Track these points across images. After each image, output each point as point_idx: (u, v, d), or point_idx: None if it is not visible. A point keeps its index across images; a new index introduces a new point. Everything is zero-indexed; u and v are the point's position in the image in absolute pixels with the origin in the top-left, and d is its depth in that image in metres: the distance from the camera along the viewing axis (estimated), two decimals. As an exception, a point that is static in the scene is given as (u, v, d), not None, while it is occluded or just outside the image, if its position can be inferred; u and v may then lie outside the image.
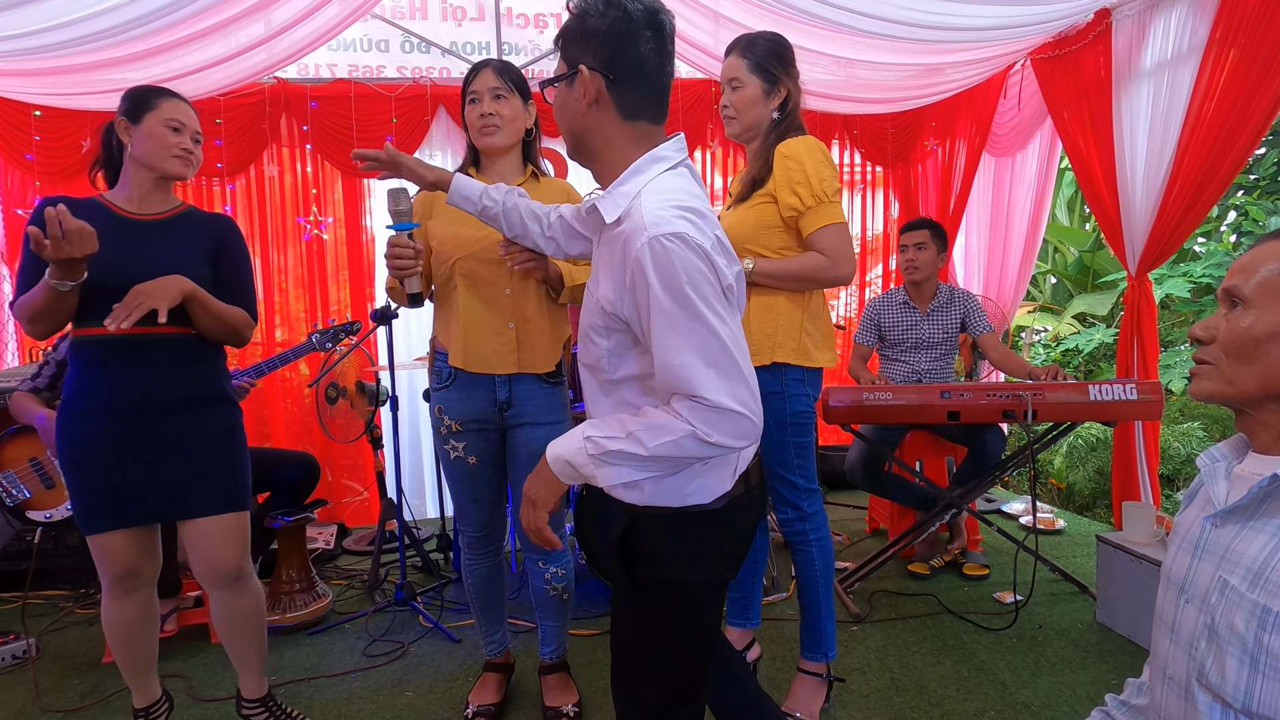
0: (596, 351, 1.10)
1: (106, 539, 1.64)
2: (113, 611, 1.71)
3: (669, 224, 0.98)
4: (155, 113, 1.63)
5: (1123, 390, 2.33)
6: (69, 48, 2.97)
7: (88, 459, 1.61)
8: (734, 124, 1.81)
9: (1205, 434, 4.38)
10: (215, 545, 1.71)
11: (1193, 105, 2.72)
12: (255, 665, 1.86)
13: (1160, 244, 2.92)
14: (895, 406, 2.42)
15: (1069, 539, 3.23)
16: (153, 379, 1.63)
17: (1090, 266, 5.63)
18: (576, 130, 1.12)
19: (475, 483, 1.82)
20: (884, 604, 2.58)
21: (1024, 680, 2.04)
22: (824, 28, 3.21)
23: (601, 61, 1.06)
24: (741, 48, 1.77)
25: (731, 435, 0.98)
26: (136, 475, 1.62)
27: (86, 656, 2.39)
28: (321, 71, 3.81)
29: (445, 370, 1.78)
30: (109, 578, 1.68)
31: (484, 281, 1.73)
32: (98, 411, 1.60)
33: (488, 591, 1.93)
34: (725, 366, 0.98)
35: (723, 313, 1.00)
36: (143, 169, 1.66)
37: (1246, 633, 0.79)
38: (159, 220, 1.69)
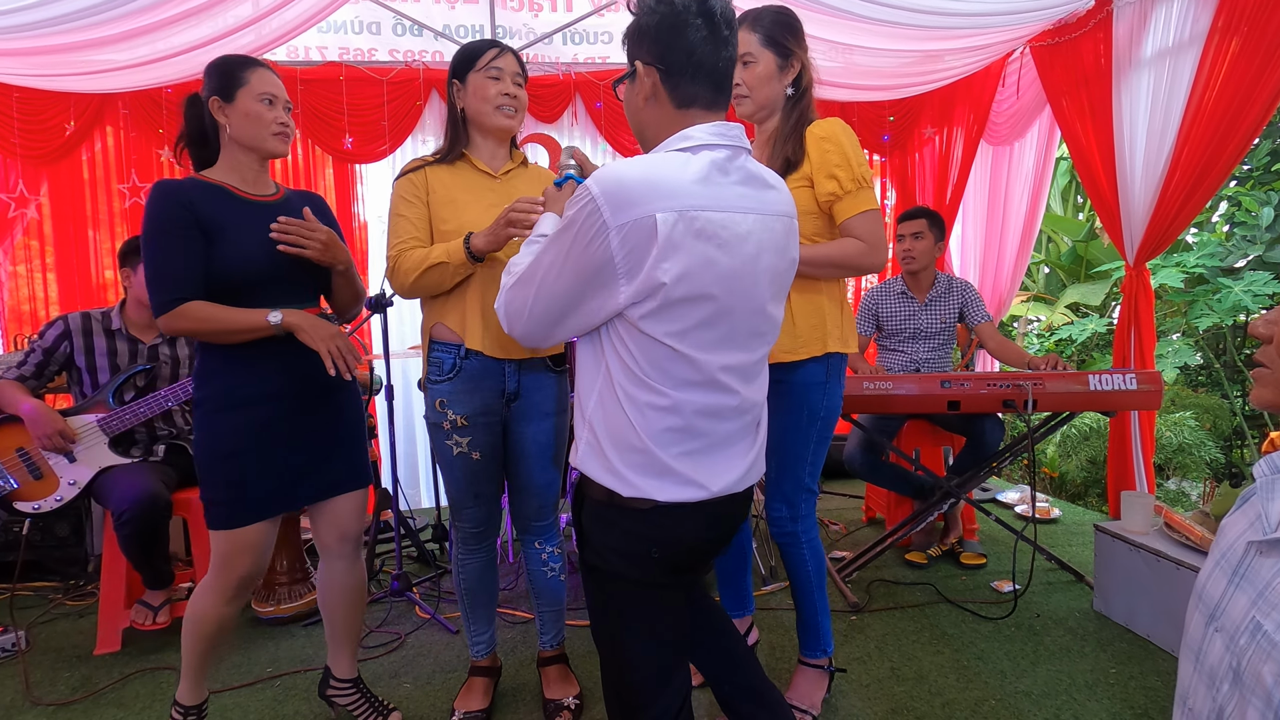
0: None
1: (248, 532, 1.59)
2: (217, 609, 1.63)
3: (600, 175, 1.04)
4: (247, 89, 1.56)
5: (1123, 380, 2.33)
6: (49, 26, 2.89)
7: (247, 448, 1.57)
8: (746, 103, 1.71)
9: (1197, 423, 4.41)
10: (353, 517, 1.76)
11: (1193, 95, 2.71)
12: (353, 642, 1.87)
13: (1159, 234, 2.92)
14: (895, 396, 2.41)
15: (1064, 528, 3.25)
16: (301, 364, 1.60)
17: (1084, 256, 5.64)
18: (639, 125, 1.17)
19: (478, 479, 1.77)
20: (882, 593, 2.58)
21: (1023, 669, 2.04)
22: (823, 12, 3.17)
23: (655, 55, 1.10)
24: (750, 21, 1.67)
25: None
26: (294, 460, 1.62)
27: (77, 649, 2.36)
28: (311, 54, 3.74)
29: (448, 361, 1.71)
30: (235, 576, 1.60)
31: (497, 263, 1.68)
32: (255, 399, 1.58)
33: (479, 588, 1.89)
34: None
35: (536, 250, 1.15)
36: (246, 151, 1.60)
37: (1275, 687, 0.71)
38: (276, 202, 1.65)
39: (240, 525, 1.58)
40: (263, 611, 2.49)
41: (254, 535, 1.60)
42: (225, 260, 1.53)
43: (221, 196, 1.57)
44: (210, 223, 1.53)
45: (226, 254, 1.53)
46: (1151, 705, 1.85)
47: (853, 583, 2.66)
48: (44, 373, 2.38)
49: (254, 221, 1.57)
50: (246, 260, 1.54)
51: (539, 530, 1.88)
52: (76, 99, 3.46)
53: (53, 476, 2.28)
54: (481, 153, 1.77)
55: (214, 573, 1.61)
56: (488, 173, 1.75)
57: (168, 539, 2.37)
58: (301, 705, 1.99)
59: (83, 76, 3.30)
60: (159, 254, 1.51)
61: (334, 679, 1.87)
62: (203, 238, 1.52)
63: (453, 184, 1.72)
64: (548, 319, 1.11)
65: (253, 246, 1.55)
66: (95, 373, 2.42)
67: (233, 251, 1.54)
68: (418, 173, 1.71)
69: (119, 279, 2.65)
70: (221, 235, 1.53)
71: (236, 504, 1.57)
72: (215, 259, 1.53)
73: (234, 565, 1.60)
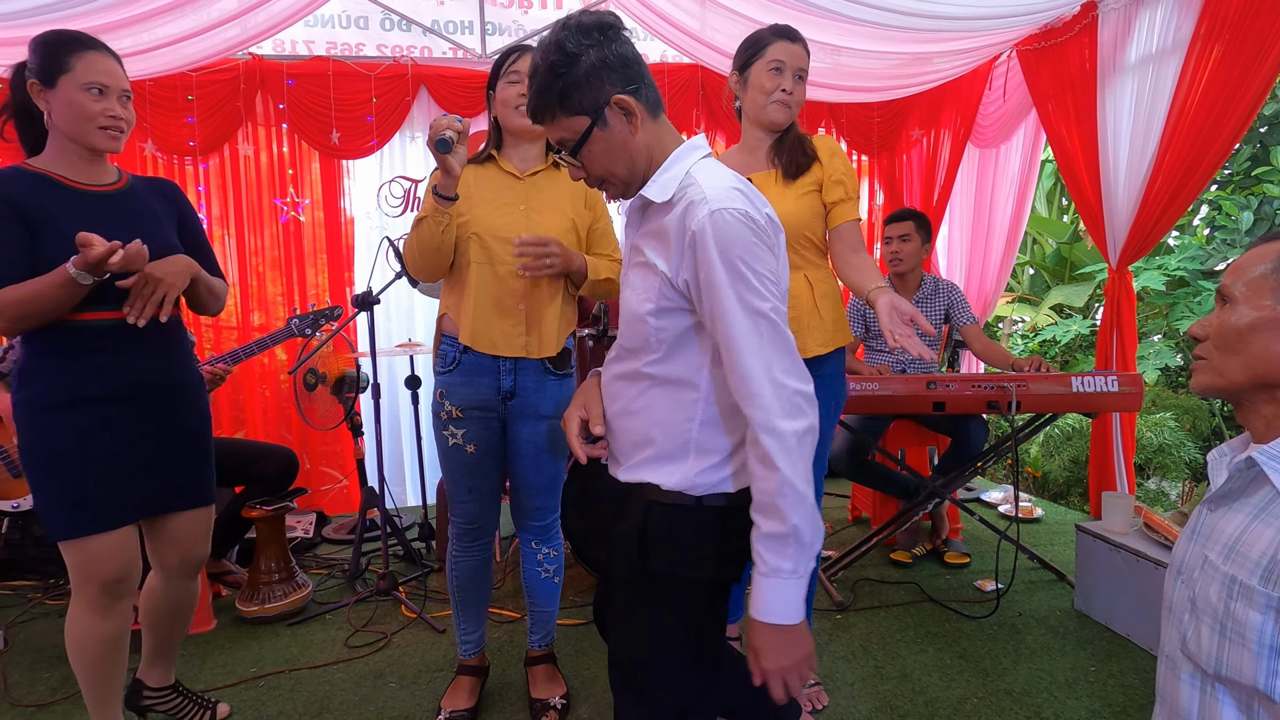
0: (645, 331, 1.09)
1: (95, 542, 1.45)
2: (94, 626, 1.50)
3: (730, 199, 1.01)
4: (70, 76, 1.37)
5: (1104, 382, 2.36)
6: (28, 17, 2.85)
7: (73, 451, 1.43)
8: (788, 113, 1.78)
9: (1176, 424, 4.47)
10: (196, 538, 1.66)
11: (1176, 100, 2.75)
12: (174, 653, 1.82)
13: (1142, 237, 2.96)
14: (881, 397, 2.43)
15: (1046, 527, 3.29)
16: (142, 364, 1.49)
17: (1068, 258, 5.70)
18: (631, 159, 1.10)
19: (472, 472, 1.77)
20: (867, 592, 2.61)
21: (1005, 667, 2.07)
22: (812, 13, 3.18)
23: (620, 82, 1.06)
24: (803, 41, 1.77)
25: (811, 421, 1.02)
26: (129, 467, 1.49)
27: (56, 649, 2.33)
28: (298, 48, 3.71)
29: (450, 354, 1.73)
30: (96, 586, 1.47)
31: (498, 259, 1.69)
32: (83, 400, 1.44)
33: (471, 586, 1.89)
34: (781, 354, 1.01)
35: (774, 291, 1.03)
36: (68, 140, 1.44)
37: (1219, 602, 0.86)
38: (114, 192, 1.50)
39: (80, 534, 1.44)
40: (247, 611, 2.47)
41: (105, 543, 1.46)
42: (52, 256, 1.35)
43: (46, 186, 1.41)
44: (34, 215, 1.36)
45: (53, 249, 1.36)
46: (1130, 703, 1.88)
47: (838, 581, 2.68)
48: (23, 369, 2.35)
49: (84, 213, 1.42)
50: (72, 253, 1.33)
51: (537, 530, 1.88)
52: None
53: (32, 475, 2.25)
54: (512, 155, 1.78)
55: (75, 587, 1.48)
56: (513, 174, 1.76)
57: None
58: (286, 705, 1.98)
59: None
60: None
61: (148, 689, 1.78)
62: (25, 230, 1.36)
63: (475, 182, 1.73)
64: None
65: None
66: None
67: (57, 245, 1.36)
68: None
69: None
70: (47, 228, 1.37)
71: (74, 510, 1.44)
72: (41, 255, 1.36)
73: (91, 573, 1.46)
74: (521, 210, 1.73)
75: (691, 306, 1.06)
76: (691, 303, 1.06)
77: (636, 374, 1.12)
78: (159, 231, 1.51)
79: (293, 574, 2.58)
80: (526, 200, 1.74)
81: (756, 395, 0.99)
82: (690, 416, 1.09)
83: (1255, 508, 0.87)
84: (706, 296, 1.02)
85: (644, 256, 1.11)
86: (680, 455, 1.10)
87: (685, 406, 1.10)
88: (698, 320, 1.07)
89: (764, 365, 0.99)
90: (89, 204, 1.45)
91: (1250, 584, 0.83)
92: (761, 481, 0.99)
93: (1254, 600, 0.82)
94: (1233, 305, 0.91)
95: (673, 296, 1.06)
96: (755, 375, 0.99)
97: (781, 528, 0.98)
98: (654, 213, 1.11)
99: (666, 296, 1.07)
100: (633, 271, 1.15)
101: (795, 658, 1.01)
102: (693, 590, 1.11)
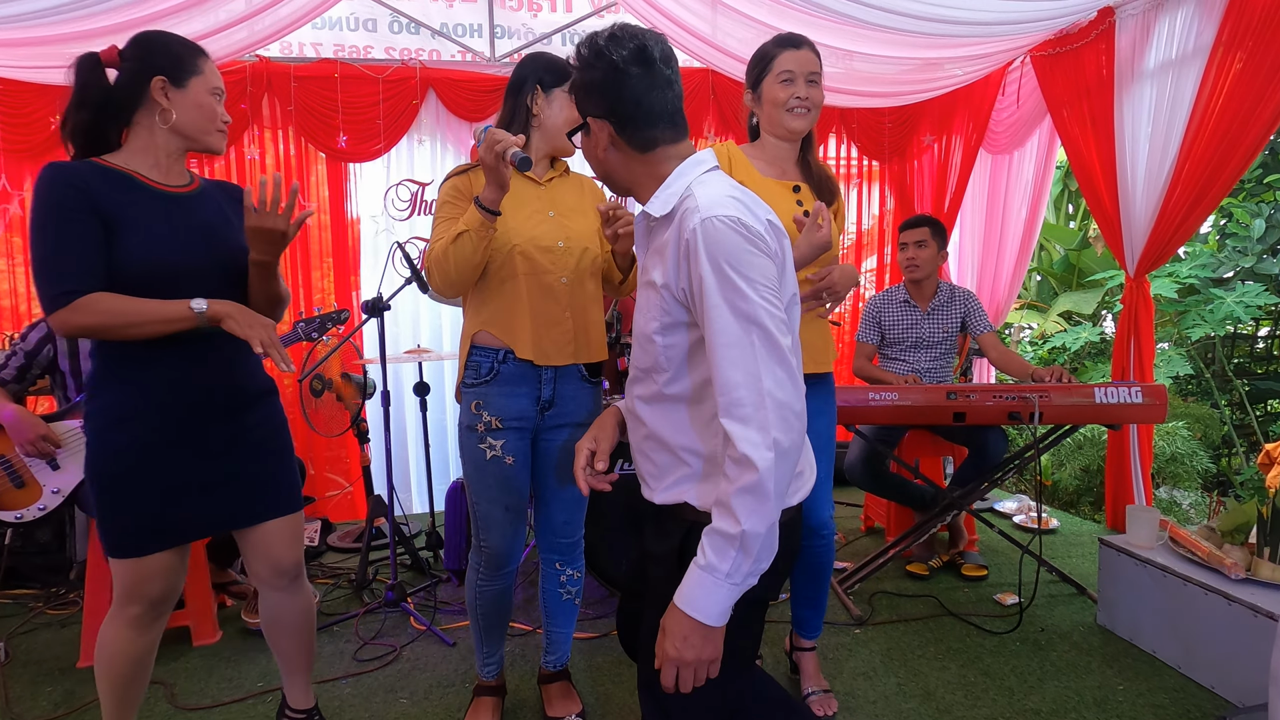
0: (654, 350, 1.10)
1: (151, 561, 1.43)
2: (129, 642, 1.47)
3: (723, 206, 1.01)
4: (201, 78, 1.41)
5: (1128, 393, 2.33)
6: (38, 19, 2.81)
7: (135, 470, 1.40)
8: (807, 118, 1.77)
9: (1189, 433, 4.44)
10: (285, 546, 1.59)
11: (1197, 108, 2.71)
12: (304, 672, 1.74)
13: (1160, 246, 2.92)
14: (901, 407, 2.39)
15: (1063, 538, 3.25)
16: (212, 374, 1.46)
17: (1076, 265, 5.67)
18: (604, 171, 1.18)
19: (509, 488, 1.70)
20: (885, 606, 2.56)
21: (1030, 685, 2.03)
22: (824, 17, 3.16)
23: (604, 110, 1.11)
24: (809, 44, 1.77)
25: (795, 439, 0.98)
26: (197, 483, 1.45)
27: (59, 661, 2.28)
28: (306, 51, 3.67)
29: (485, 365, 1.67)
30: (142, 604, 1.45)
31: (542, 270, 1.66)
32: (151, 411, 1.40)
33: (494, 611, 1.81)
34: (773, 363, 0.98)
35: (769, 297, 1.00)
36: (177, 138, 1.43)
37: None
38: (189, 193, 1.48)
39: (140, 555, 1.41)
40: (252, 622, 2.42)
41: (159, 563, 1.44)
42: (130, 253, 1.34)
43: (126, 184, 1.38)
44: (111, 212, 1.34)
45: (131, 246, 1.35)
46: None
47: (854, 594, 2.63)
48: (26, 376, 2.31)
49: (164, 213, 1.41)
50: (154, 253, 1.36)
51: (563, 549, 1.83)
52: (63, 92, 3.35)
53: (35, 484, 2.21)
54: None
55: (118, 603, 1.46)
56: (534, 180, 1.72)
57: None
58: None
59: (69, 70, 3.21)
60: (49, 242, 1.30)
61: (289, 709, 1.75)
62: (102, 227, 1.33)
63: None
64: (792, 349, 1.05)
65: (160, 241, 1.38)
66: (80, 376, 2.34)
67: (138, 244, 1.35)
68: (464, 175, 1.69)
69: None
70: (125, 226, 1.35)
71: (134, 531, 1.41)
72: (118, 253, 1.34)
73: (139, 591, 1.44)
74: (552, 217, 1.69)
75: (693, 319, 1.06)
76: (693, 315, 1.05)
77: (658, 396, 1.12)
78: (229, 234, 1.50)
79: (300, 585, 2.53)
80: (554, 206, 1.71)
81: (739, 404, 0.96)
82: (717, 432, 1.07)
83: None
84: (699, 305, 1.01)
85: (650, 275, 1.12)
86: (714, 473, 1.08)
87: (710, 422, 1.08)
88: (701, 334, 1.05)
89: (750, 375, 0.97)
90: (166, 204, 1.43)
91: None
92: (728, 481, 0.97)
93: None
94: None
95: (674, 311, 1.06)
96: (738, 384, 0.97)
97: (731, 528, 0.96)
98: (658, 228, 1.13)
99: (668, 312, 1.07)
100: (640, 291, 1.16)
101: (699, 655, 1.00)
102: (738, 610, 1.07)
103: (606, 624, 2.45)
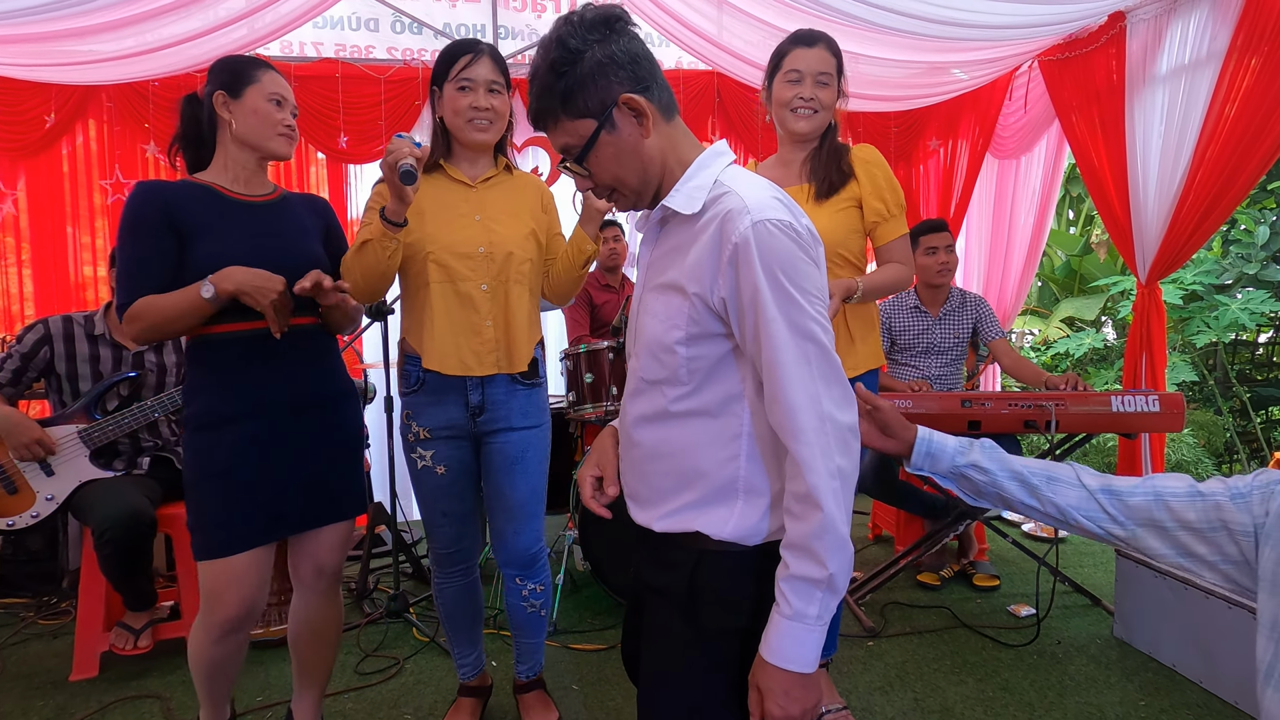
0: (674, 362, 0.98)
1: (233, 563, 1.46)
2: (206, 647, 1.51)
3: (773, 209, 0.92)
4: (257, 86, 1.49)
5: (1145, 402, 2.29)
6: (32, 15, 2.75)
7: (232, 468, 1.46)
8: (812, 120, 1.72)
9: (1194, 440, 4.42)
10: (334, 549, 1.63)
11: (1210, 113, 2.69)
12: (320, 687, 1.74)
13: (1173, 253, 2.89)
14: (915, 415, 2.35)
15: (1073, 548, 3.21)
16: (294, 375, 1.52)
17: (1078, 270, 5.66)
18: (646, 163, 1.00)
19: (444, 495, 1.69)
20: (897, 617, 2.52)
21: (1051, 701, 1.98)
22: (831, 19, 3.12)
23: (630, 81, 0.96)
24: (825, 42, 1.71)
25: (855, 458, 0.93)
26: (281, 483, 1.50)
27: (50, 674, 2.22)
28: (307, 50, 3.62)
29: (414, 374, 1.66)
30: (225, 612, 1.47)
31: (459, 277, 1.60)
32: (240, 415, 1.47)
33: (458, 611, 1.81)
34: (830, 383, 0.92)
35: (821, 310, 0.93)
36: (245, 149, 1.52)
37: None
38: (268, 203, 1.56)
39: (224, 555, 1.45)
40: (254, 633, 2.36)
41: (240, 566, 1.47)
42: (199, 260, 1.43)
43: (207, 196, 1.49)
44: (188, 224, 1.44)
45: (200, 254, 1.43)
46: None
47: (866, 605, 2.59)
48: (21, 380, 2.24)
49: (239, 221, 1.49)
50: (221, 260, 1.42)
51: (521, 563, 1.76)
52: (58, 90, 3.31)
53: (29, 491, 2.14)
54: (461, 162, 1.69)
55: (202, 610, 1.50)
56: (464, 182, 1.66)
57: (151, 558, 2.24)
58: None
59: (65, 67, 3.16)
60: (126, 255, 1.43)
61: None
62: (176, 240, 1.44)
63: (424, 196, 1.63)
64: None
65: (232, 246, 1.45)
66: (76, 380, 2.28)
67: (208, 251, 1.43)
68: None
69: (109, 279, 2.50)
70: (200, 235, 1.45)
71: (220, 529, 1.46)
72: (191, 259, 1.44)
73: (221, 601, 1.47)
74: (478, 221, 1.64)
75: (728, 330, 0.96)
76: (728, 325, 0.95)
77: (664, 413, 1.00)
78: (304, 242, 1.57)
79: (299, 595, 2.47)
80: (482, 210, 1.65)
81: (803, 430, 0.89)
82: (734, 454, 0.98)
83: None
84: (749, 317, 0.91)
85: (667, 277, 0.99)
86: (727, 498, 0.99)
87: (728, 443, 0.98)
88: (734, 345, 0.97)
89: (811, 397, 0.90)
90: (242, 212, 1.51)
91: None
92: (800, 522, 0.90)
93: None
94: None
95: (707, 320, 0.95)
96: (801, 408, 0.89)
97: (817, 572, 0.89)
98: (678, 226, 1.01)
99: (698, 322, 0.95)
100: (651, 295, 1.02)
101: (804, 706, 0.91)
102: (744, 642, 0.99)
103: (614, 635, 2.40)
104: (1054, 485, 1.10)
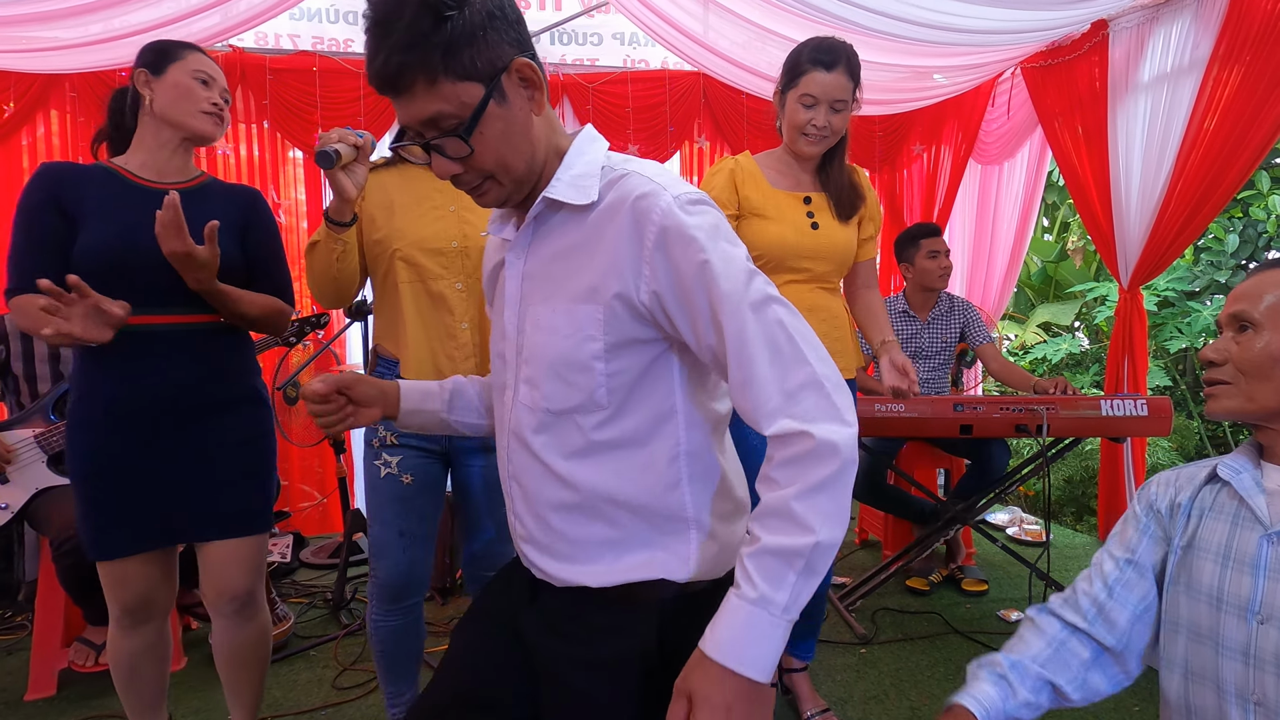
0: (590, 382, 0.83)
1: (120, 566, 1.43)
2: (120, 642, 1.51)
3: (684, 184, 0.84)
4: (181, 63, 1.43)
5: (1133, 406, 2.30)
6: (-8, -3, 2.62)
7: (102, 472, 1.40)
8: (821, 144, 1.72)
9: (1168, 443, 4.49)
10: (232, 570, 1.51)
11: (1192, 121, 2.72)
12: (249, 709, 1.64)
13: (1155, 259, 2.92)
14: (907, 419, 2.33)
15: (1057, 551, 3.23)
16: (178, 375, 1.42)
17: (1053, 276, 5.74)
18: (535, 147, 0.85)
19: (406, 509, 1.51)
20: (888, 623, 2.49)
21: (1046, 707, 1.97)
22: (816, 20, 3.11)
23: (517, 45, 0.82)
24: (844, 64, 1.66)
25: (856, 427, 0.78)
26: (158, 491, 1.42)
27: (5, 693, 2.10)
28: (282, 42, 3.51)
29: (387, 376, 1.51)
30: (118, 607, 1.47)
31: (430, 276, 1.48)
32: (114, 415, 1.39)
33: (399, 651, 1.59)
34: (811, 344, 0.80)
35: (762, 272, 0.83)
36: (166, 127, 1.44)
37: None
38: (187, 189, 1.45)
39: (109, 558, 1.42)
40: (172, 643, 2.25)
41: (129, 568, 1.44)
42: (85, 248, 1.35)
43: (107, 179, 1.41)
44: (78, 206, 1.37)
45: (86, 237, 1.35)
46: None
47: (856, 611, 2.56)
48: (-19, 377, 2.12)
49: (133, 206, 1.37)
50: (108, 242, 1.34)
51: (481, 579, 1.64)
52: (17, 78, 3.16)
53: (-15, 496, 2.02)
54: None
55: (108, 605, 1.49)
56: None
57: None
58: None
59: (26, 54, 3.01)
60: (12, 240, 1.37)
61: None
62: (63, 223, 1.36)
63: (395, 188, 1.52)
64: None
65: (116, 231, 1.35)
66: (35, 381, 2.16)
67: (90, 237, 1.35)
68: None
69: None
70: (87, 220, 1.36)
71: (100, 533, 1.41)
72: (78, 244, 1.36)
73: (115, 595, 1.46)
74: (453, 212, 1.51)
75: (658, 332, 0.84)
76: (658, 326, 0.83)
77: (587, 446, 0.85)
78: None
79: (273, 605, 2.37)
80: (458, 200, 1.51)
81: (794, 400, 0.76)
82: (675, 479, 0.85)
83: None
84: (699, 298, 0.79)
85: (570, 284, 0.84)
86: (677, 529, 0.86)
87: (667, 466, 0.85)
88: (664, 349, 0.85)
89: (796, 360, 0.78)
90: (139, 197, 1.41)
91: None
92: (787, 485, 0.74)
93: None
94: (1257, 331, 0.92)
95: (630, 325, 0.82)
96: (780, 378, 0.77)
97: (798, 539, 0.71)
98: (563, 224, 0.87)
99: (619, 329, 0.82)
100: (544, 310, 0.86)
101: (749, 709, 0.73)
102: None
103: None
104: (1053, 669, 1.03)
